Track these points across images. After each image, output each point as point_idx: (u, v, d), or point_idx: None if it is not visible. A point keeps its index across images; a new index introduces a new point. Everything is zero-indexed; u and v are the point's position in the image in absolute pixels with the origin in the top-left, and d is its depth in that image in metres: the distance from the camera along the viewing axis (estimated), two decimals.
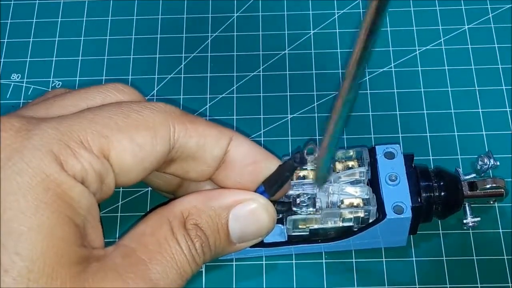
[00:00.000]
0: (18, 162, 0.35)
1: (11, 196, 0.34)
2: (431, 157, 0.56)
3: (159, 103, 0.41)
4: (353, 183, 0.50)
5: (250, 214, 0.44)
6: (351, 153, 0.50)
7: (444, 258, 0.52)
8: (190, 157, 0.42)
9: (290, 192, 0.49)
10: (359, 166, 0.50)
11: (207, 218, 0.42)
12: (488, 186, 0.51)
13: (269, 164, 0.45)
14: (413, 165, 0.50)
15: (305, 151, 0.43)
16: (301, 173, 0.49)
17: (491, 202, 0.53)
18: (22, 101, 0.60)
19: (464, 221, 0.52)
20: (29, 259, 0.34)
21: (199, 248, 0.40)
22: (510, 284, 0.51)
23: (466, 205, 0.52)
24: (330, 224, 0.49)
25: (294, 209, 0.48)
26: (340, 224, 0.49)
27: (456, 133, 0.57)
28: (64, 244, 0.35)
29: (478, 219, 0.52)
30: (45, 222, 0.34)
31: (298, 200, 0.48)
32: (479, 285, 0.51)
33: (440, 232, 0.53)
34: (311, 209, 0.48)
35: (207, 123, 0.43)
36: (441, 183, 0.50)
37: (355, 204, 0.49)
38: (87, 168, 0.37)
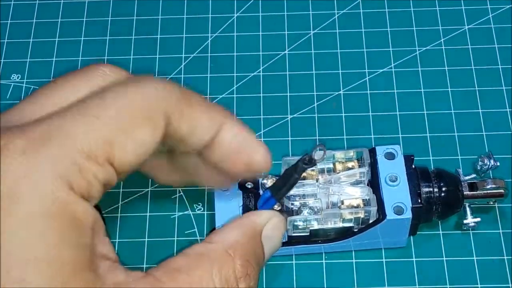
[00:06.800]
0: (26, 189, 0.34)
1: (18, 224, 0.33)
2: (431, 158, 0.56)
3: (160, 83, 0.39)
4: (354, 183, 0.50)
5: (275, 231, 0.44)
6: (351, 154, 0.50)
7: (444, 258, 0.52)
8: (178, 139, 0.41)
9: (291, 192, 0.49)
10: (360, 166, 0.50)
11: (252, 250, 0.42)
12: (488, 186, 0.51)
13: (253, 156, 0.44)
14: (413, 166, 0.50)
15: (314, 152, 0.44)
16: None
17: (491, 203, 0.52)
18: None
19: (464, 221, 0.52)
20: (35, 286, 0.33)
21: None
22: (510, 285, 0.51)
23: (467, 205, 0.52)
24: (330, 225, 0.49)
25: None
26: (340, 224, 0.49)
27: (456, 134, 0.57)
28: (71, 269, 0.34)
29: (478, 219, 0.52)
30: (52, 249, 0.34)
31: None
32: (479, 285, 0.51)
33: (440, 232, 0.53)
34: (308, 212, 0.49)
35: (203, 105, 0.42)
36: (441, 184, 0.50)
37: (355, 204, 0.49)
38: (93, 182, 0.36)
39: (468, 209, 0.52)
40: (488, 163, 0.54)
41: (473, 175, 0.53)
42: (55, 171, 0.34)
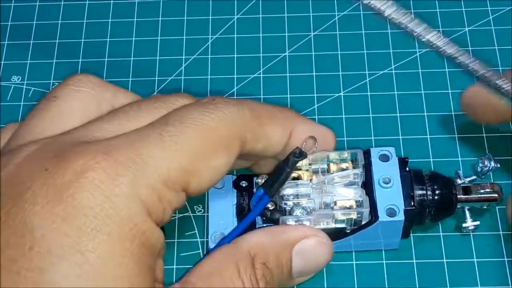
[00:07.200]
0: (109, 211, 0.34)
1: (99, 246, 0.34)
2: (431, 159, 0.56)
3: (231, 106, 0.40)
4: (347, 185, 0.50)
5: (312, 250, 0.44)
6: (346, 155, 0.50)
7: (445, 260, 0.52)
8: (251, 155, 0.43)
9: (284, 192, 0.48)
10: (354, 168, 0.50)
11: (273, 256, 0.42)
12: (482, 191, 0.50)
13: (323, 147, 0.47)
14: (407, 168, 0.50)
15: (303, 145, 0.44)
16: (294, 174, 0.49)
17: (485, 207, 0.52)
18: (22, 103, 0.60)
19: (464, 225, 0.52)
20: None
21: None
22: (510, 287, 0.50)
23: (466, 209, 0.51)
24: (322, 225, 0.49)
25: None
26: (333, 225, 0.49)
27: (456, 135, 0.57)
28: None
29: (478, 223, 0.51)
30: (128, 272, 0.34)
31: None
32: (479, 287, 0.51)
33: (441, 234, 0.53)
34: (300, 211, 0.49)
35: (273, 118, 0.43)
36: (435, 187, 0.50)
37: (348, 206, 0.49)
38: (167, 208, 0.37)
39: (467, 212, 0.51)
40: (489, 165, 0.53)
41: (474, 177, 0.52)
42: (135, 196, 0.35)
